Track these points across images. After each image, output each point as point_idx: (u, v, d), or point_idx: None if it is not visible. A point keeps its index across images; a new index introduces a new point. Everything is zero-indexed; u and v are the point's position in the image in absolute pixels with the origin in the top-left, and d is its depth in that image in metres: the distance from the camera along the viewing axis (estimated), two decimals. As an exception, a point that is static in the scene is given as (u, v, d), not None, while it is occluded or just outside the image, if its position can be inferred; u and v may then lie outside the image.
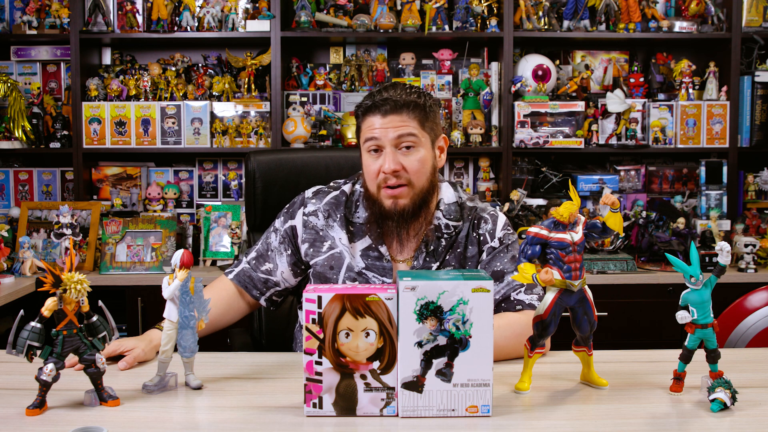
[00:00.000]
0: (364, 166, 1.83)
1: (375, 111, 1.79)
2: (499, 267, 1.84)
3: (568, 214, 1.47)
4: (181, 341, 1.52)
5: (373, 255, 1.85)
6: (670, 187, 3.74)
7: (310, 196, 1.93)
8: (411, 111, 1.78)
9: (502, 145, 3.60)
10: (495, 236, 1.88)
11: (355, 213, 1.89)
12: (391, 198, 1.80)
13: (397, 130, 1.77)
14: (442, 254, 1.86)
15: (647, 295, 3.22)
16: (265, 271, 1.93)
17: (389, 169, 1.76)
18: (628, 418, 1.39)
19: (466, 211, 1.90)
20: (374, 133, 1.78)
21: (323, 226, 1.89)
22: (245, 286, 1.94)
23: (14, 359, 1.39)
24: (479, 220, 1.89)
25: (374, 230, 1.85)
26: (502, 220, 1.91)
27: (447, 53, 3.73)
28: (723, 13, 3.61)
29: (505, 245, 1.87)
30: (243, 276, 1.94)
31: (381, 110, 1.78)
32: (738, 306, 2.34)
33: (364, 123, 1.82)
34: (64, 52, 3.72)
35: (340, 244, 1.87)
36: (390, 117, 1.77)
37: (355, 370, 1.38)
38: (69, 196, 3.71)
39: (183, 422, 1.40)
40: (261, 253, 1.95)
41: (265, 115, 3.62)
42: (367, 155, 1.82)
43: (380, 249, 1.85)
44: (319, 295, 1.36)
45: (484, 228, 1.88)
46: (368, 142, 1.80)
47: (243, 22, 3.60)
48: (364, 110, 1.82)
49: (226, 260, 3.43)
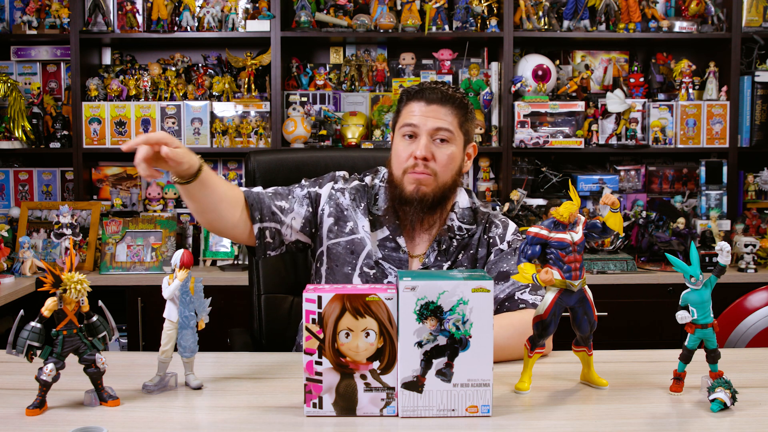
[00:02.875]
0: (394, 150, 1.85)
1: (420, 98, 1.81)
2: (505, 268, 1.86)
3: (568, 214, 1.46)
4: (181, 341, 1.52)
5: (390, 246, 1.87)
6: (670, 187, 3.74)
7: (340, 176, 1.95)
8: (454, 107, 1.82)
9: (502, 145, 3.60)
10: (504, 240, 1.91)
11: (375, 204, 1.90)
12: (415, 183, 1.80)
13: (436, 121, 1.80)
14: (453, 254, 1.88)
15: (647, 295, 3.22)
16: (278, 207, 1.85)
17: (421, 155, 1.78)
18: (628, 418, 1.39)
19: (480, 215, 1.93)
20: (413, 120, 1.80)
21: (348, 206, 1.89)
22: (251, 203, 1.82)
23: (14, 359, 1.39)
24: (491, 224, 1.93)
25: (392, 221, 1.87)
26: (513, 227, 1.95)
27: (447, 53, 3.73)
28: (723, 13, 3.61)
29: (513, 249, 1.90)
30: (254, 195, 1.84)
31: (426, 98, 1.81)
32: (738, 306, 2.34)
33: (406, 108, 1.84)
34: (64, 52, 3.72)
35: (362, 230, 1.87)
36: (433, 107, 1.80)
37: (355, 370, 1.38)
38: (69, 196, 3.71)
39: (183, 422, 1.40)
40: (280, 192, 1.88)
41: (265, 115, 3.62)
42: (400, 139, 1.83)
43: (398, 240, 1.87)
44: (319, 295, 1.36)
45: (494, 232, 1.92)
46: (405, 127, 1.82)
47: (243, 22, 3.60)
48: (410, 95, 1.84)
49: (226, 260, 3.43)
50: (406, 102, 1.85)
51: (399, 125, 1.85)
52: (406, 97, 1.86)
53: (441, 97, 1.81)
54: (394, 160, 1.85)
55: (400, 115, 1.86)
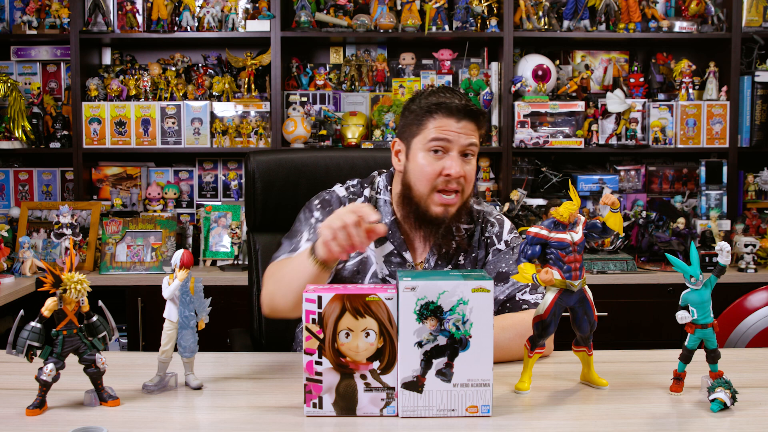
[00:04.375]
0: (419, 165, 1.77)
1: (451, 113, 1.75)
2: (504, 268, 1.85)
3: (568, 214, 1.47)
4: (181, 341, 1.52)
5: (395, 261, 1.84)
6: (670, 187, 3.74)
7: (345, 195, 1.89)
8: (480, 122, 1.79)
9: (502, 145, 3.60)
10: (502, 239, 1.90)
11: None
12: (442, 205, 1.77)
13: (469, 137, 1.76)
14: (453, 257, 1.87)
15: (647, 295, 3.22)
16: None
17: (458, 173, 1.74)
18: (628, 418, 1.39)
19: (474, 214, 1.91)
20: (448, 135, 1.74)
21: None
22: None
23: (14, 359, 1.39)
24: (486, 223, 1.91)
25: (398, 236, 1.84)
26: (508, 224, 1.94)
27: (447, 53, 3.73)
28: (723, 13, 3.61)
29: (511, 248, 1.89)
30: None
31: (458, 114, 1.75)
32: (738, 306, 2.34)
33: (434, 121, 1.76)
34: (64, 52, 3.72)
35: (368, 248, 1.84)
36: (464, 123, 1.76)
37: (355, 370, 1.38)
38: (69, 196, 3.71)
39: (183, 422, 1.40)
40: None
41: (265, 115, 3.62)
42: (425, 154, 1.76)
43: (404, 254, 1.84)
44: (319, 295, 1.36)
45: (491, 231, 1.90)
46: (435, 141, 1.75)
47: (243, 22, 3.60)
48: (437, 107, 1.76)
49: (226, 260, 3.43)
50: (433, 115, 1.77)
51: (425, 138, 1.77)
52: (433, 109, 1.77)
53: (470, 113, 1.77)
54: (419, 176, 1.78)
55: (425, 127, 1.78)
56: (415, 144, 1.79)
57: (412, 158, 1.80)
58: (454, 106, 1.76)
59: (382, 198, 1.88)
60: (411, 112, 1.82)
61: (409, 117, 1.82)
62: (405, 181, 1.81)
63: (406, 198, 1.81)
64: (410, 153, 1.81)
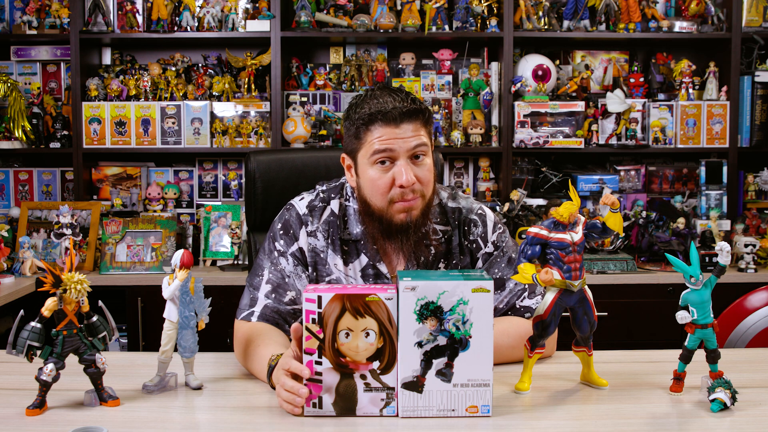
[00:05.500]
0: (369, 180, 1.68)
1: (386, 120, 1.64)
2: (498, 275, 1.78)
3: (568, 214, 1.47)
4: (181, 341, 1.52)
5: (371, 273, 1.75)
6: (670, 187, 3.74)
7: (306, 212, 1.78)
8: (422, 119, 1.67)
9: (502, 145, 3.60)
10: (488, 240, 1.81)
11: (346, 230, 1.77)
12: (404, 212, 1.67)
13: (414, 139, 1.65)
14: (432, 264, 1.78)
15: (647, 295, 3.22)
16: (290, 302, 1.74)
17: (409, 182, 1.63)
18: (628, 418, 1.39)
19: (450, 213, 1.81)
20: (390, 144, 1.63)
21: (323, 248, 1.76)
22: (276, 323, 1.72)
23: (14, 359, 1.39)
24: (469, 224, 1.81)
25: (370, 248, 1.75)
26: (492, 219, 1.83)
27: (447, 53, 3.73)
28: (723, 13, 3.61)
29: (500, 249, 1.80)
30: (270, 314, 1.73)
31: (393, 119, 1.64)
32: (738, 306, 2.34)
33: (371, 133, 1.65)
34: (64, 52, 3.72)
35: (335, 270, 1.76)
36: (404, 126, 1.64)
37: (355, 370, 1.38)
38: (69, 196, 3.71)
39: (183, 422, 1.40)
40: (278, 284, 1.75)
41: (265, 115, 3.62)
42: (372, 168, 1.67)
43: (379, 267, 1.75)
44: (319, 295, 1.36)
45: (474, 233, 1.80)
46: (378, 154, 1.64)
47: (243, 22, 3.60)
48: (371, 119, 1.65)
49: (226, 260, 3.43)
50: (367, 127, 1.66)
51: (368, 153, 1.66)
52: (365, 121, 1.66)
53: (408, 113, 1.64)
54: (372, 191, 1.68)
55: (365, 141, 1.66)
56: (360, 159, 1.70)
57: (361, 174, 1.71)
58: (389, 112, 1.63)
59: (351, 206, 1.78)
60: (351, 124, 1.71)
61: (350, 130, 1.71)
62: (361, 197, 1.73)
63: (368, 214, 1.71)
64: (359, 169, 1.71)
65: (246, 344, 1.66)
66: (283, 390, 1.38)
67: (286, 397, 1.38)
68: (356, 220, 1.77)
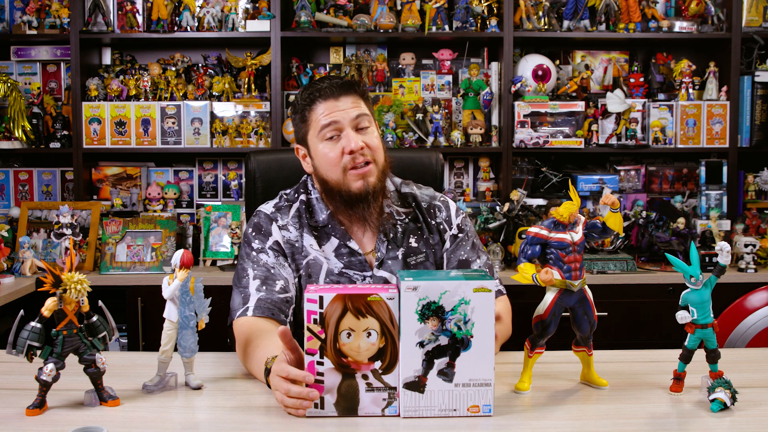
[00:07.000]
0: (322, 156, 1.80)
1: (326, 96, 1.78)
2: (464, 256, 1.88)
3: (568, 214, 1.47)
4: (181, 341, 1.52)
5: (345, 252, 1.84)
6: (670, 187, 3.74)
7: (273, 211, 1.88)
8: (359, 93, 1.82)
9: (502, 145, 3.60)
10: (453, 223, 1.92)
11: (313, 217, 1.87)
12: (360, 178, 1.78)
13: (353, 110, 1.78)
14: (402, 240, 1.87)
15: (647, 295, 3.22)
16: (281, 290, 1.76)
17: (357, 146, 1.75)
18: (628, 418, 1.39)
19: (409, 198, 1.93)
20: (333, 117, 1.77)
21: (297, 238, 1.85)
22: (272, 313, 1.72)
23: (14, 359, 1.39)
24: (434, 208, 1.92)
25: (338, 228, 1.85)
26: (453, 205, 1.95)
27: (447, 53, 3.73)
28: (723, 13, 3.61)
29: (465, 233, 1.92)
30: (264, 305, 1.72)
31: (332, 94, 1.78)
32: (738, 306, 2.34)
33: (315, 112, 1.79)
34: (64, 52, 3.72)
35: (312, 250, 1.83)
36: (343, 99, 1.78)
37: (357, 370, 1.38)
38: (69, 196, 3.71)
39: (183, 422, 1.40)
40: (265, 276, 1.77)
41: (265, 115, 3.62)
42: (324, 144, 1.79)
43: (349, 245, 1.84)
44: (321, 295, 1.36)
45: (440, 216, 1.92)
46: (326, 128, 1.78)
47: (243, 22, 3.60)
48: (312, 98, 1.80)
49: (226, 260, 3.43)
50: (311, 107, 1.80)
51: (316, 130, 1.80)
52: (308, 102, 1.81)
53: (344, 86, 1.80)
54: (326, 165, 1.80)
55: (310, 122, 1.81)
56: (311, 140, 1.82)
57: (314, 155, 1.83)
58: (325, 88, 1.79)
59: (314, 196, 1.89)
60: (296, 112, 1.86)
61: (296, 118, 1.86)
62: (319, 177, 1.84)
63: (328, 192, 1.82)
64: (312, 151, 1.84)
65: (245, 344, 1.66)
66: (286, 397, 1.38)
67: (291, 404, 1.38)
68: (321, 208, 1.87)
